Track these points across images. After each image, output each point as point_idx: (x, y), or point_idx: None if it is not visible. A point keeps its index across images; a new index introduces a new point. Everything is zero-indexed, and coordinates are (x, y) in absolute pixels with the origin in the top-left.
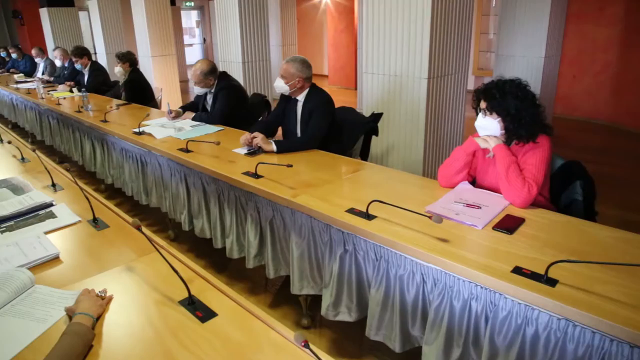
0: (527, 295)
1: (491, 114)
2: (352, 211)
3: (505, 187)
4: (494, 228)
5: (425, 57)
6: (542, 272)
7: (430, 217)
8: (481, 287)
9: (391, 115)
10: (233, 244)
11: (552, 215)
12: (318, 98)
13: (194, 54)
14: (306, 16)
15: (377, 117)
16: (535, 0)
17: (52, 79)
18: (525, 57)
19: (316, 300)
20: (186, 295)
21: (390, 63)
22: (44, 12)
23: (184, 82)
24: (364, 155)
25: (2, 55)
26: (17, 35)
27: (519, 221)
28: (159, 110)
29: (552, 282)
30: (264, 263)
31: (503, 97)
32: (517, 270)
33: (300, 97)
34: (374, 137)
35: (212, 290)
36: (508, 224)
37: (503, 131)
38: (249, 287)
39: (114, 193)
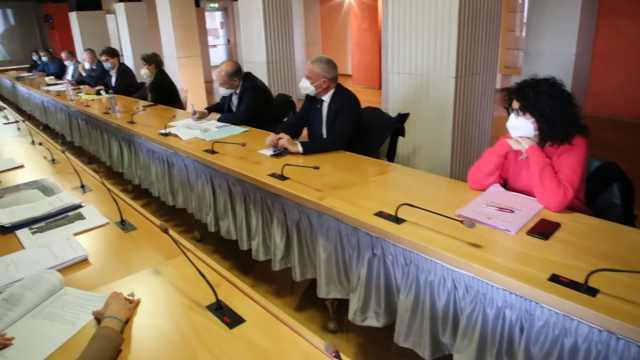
0: (565, 305)
1: (524, 114)
2: (380, 214)
3: (539, 191)
4: (528, 233)
5: (452, 55)
6: (581, 280)
7: (462, 222)
8: (516, 295)
9: (417, 115)
10: (259, 246)
11: (588, 219)
12: (344, 98)
13: (218, 55)
14: (329, 15)
15: (403, 117)
16: None
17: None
18: (555, 54)
19: (343, 304)
20: (213, 300)
21: (416, 62)
22: (73, 16)
23: (208, 82)
24: (391, 156)
25: (33, 58)
26: (48, 39)
27: (555, 226)
28: (184, 111)
29: (592, 292)
30: (290, 266)
31: (537, 96)
32: (555, 279)
33: (326, 98)
34: (400, 137)
35: (239, 295)
36: (543, 229)
37: (536, 132)
38: (274, 290)
39: (140, 194)
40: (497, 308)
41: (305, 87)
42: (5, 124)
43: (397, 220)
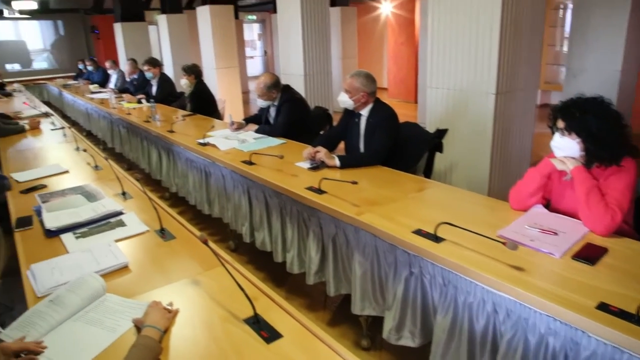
0: (615, 336)
1: (570, 134)
2: (419, 232)
3: (585, 213)
4: (573, 257)
5: (493, 71)
6: (632, 310)
7: (504, 243)
8: (560, 323)
9: (456, 131)
10: (294, 259)
11: (638, 245)
12: (382, 113)
13: (255, 66)
14: (366, 29)
15: (442, 133)
16: (611, 9)
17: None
18: (599, 71)
19: (377, 321)
20: (251, 313)
21: (455, 77)
22: (117, 27)
23: (244, 93)
24: (428, 172)
25: (79, 67)
26: (94, 49)
27: (602, 251)
28: (222, 121)
29: None
30: (324, 280)
31: (583, 116)
32: (603, 307)
33: (364, 112)
34: (437, 153)
35: (276, 309)
36: (589, 254)
37: (582, 152)
38: (307, 303)
39: (177, 201)
40: (539, 335)
41: (344, 101)
42: (52, 129)
43: (436, 239)
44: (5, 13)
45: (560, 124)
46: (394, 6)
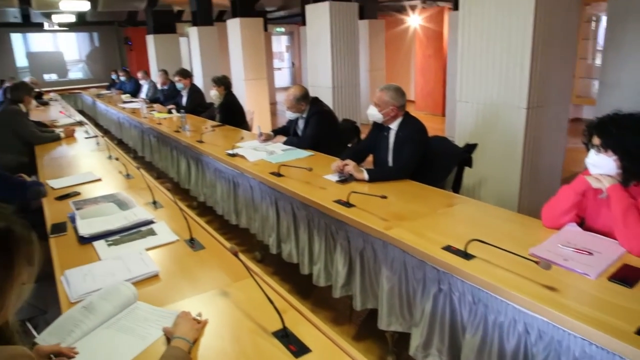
0: None
1: (606, 151)
2: (448, 249)
3: (622, 233)
4: (609, 279)
5: (524, 85)
6: None
7: (537, 262)
8: (596, 347)
9: (485, 146)
10: (320, 271)
11: None
12: (412, 127)
13: (282, 78)
14: (394, 41)
15: (471, 148)
16: None
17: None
18: (635, 86)
19: (403, 337)
20: (280, 326)
21: (486, 91)
22: (150, 39)
23: (272, 104)
24: (456, 187)
25: (112, 77)
26: (127, 60)
27: None
28: (250, 132)
29: None
30: (351, 294)
31: (621, 133)
32: None
33: (394, 126)
34: (466, 168)
35: (305, 323)
36: (627, 276)
37: (619, 170)
38: (333, 317)
39: (204, 211)
40: (573, 358)
41: (373, 114)
42: (86, 138)
43: (466, 256)
44: (46, 26)
45: (596, 140)
46: (422, 19)
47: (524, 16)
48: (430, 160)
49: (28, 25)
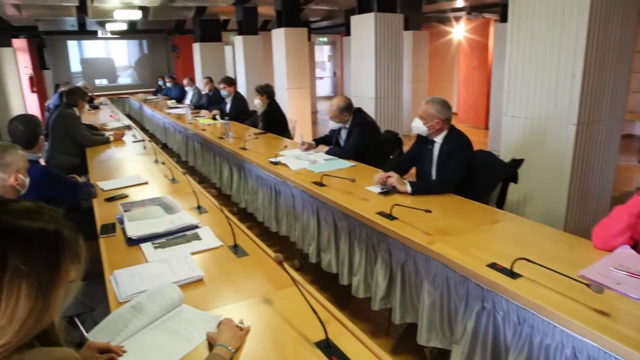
0: None
1: None
2: (493, 266)
3: None
4: None
5: (575, 100)
6: None
7: (587, 285)
8: None
9: (531, 162)
10: (360, 283)
11: None
12: (457, 141)
13: (324, 87)
14: (437, 53)
15: (517, 163)
16: None
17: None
18: None
19: (442, 353)
20: (322, 337)
21: (534, 106)
22: (196, 47)
23: (313, 113)
24: (500, 203)
25: (159, 83)
26: (173, 66)
27: None
28: (292, 140)
29: None
30: (390, 307)
31: None
32: None
33: (438, 139)
34: (511, 184)
35: (348, 335)
36: None
37: None
38: (370, 329)
39: (244, 217)
40: None
41: (418, 127)
42: (133, 141)
43: (512, 274)
44: (99, 33)
45: None
46: (466, 30)
47: (577, 30)
48: (474, 174)
49: (83, 33)
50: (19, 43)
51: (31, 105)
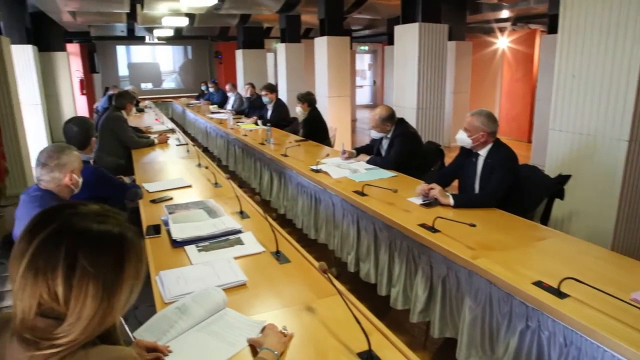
0: None
1: None
2: (540, 284)
3: None
4: None
5: (627, 116)
6: None
7: None
8: None
9: (578, 178)
10: (399, 294)
11: None
12: (502, 154)
13: (363, 95)
14: (480, 63)
15: (564, 179)
16: None
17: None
18: None
19: None
20: (365, 347)
21: (582, 121)
22: (239, 53)
23: (352, 121)
24: (545, 219)
25: (202, 88)
26: (216, 72)
27: None
28: (332, 148)
29: None
30: (428, 320)
31: None
32: None
33: (483, 152)
34: (557, 200)
35: (390, 348)
36: None
37: None
38: (407, 341)
39: (283, 223)
40: None
41: (462, 139)
42: (177, 145)
43: (559, 294)
44: (147, 39)
45: None
46: (511, 41)
47: (632, 43)
48: (519, 189)
49: (131, 38)
50: (72, 47)
51: (81, 107)
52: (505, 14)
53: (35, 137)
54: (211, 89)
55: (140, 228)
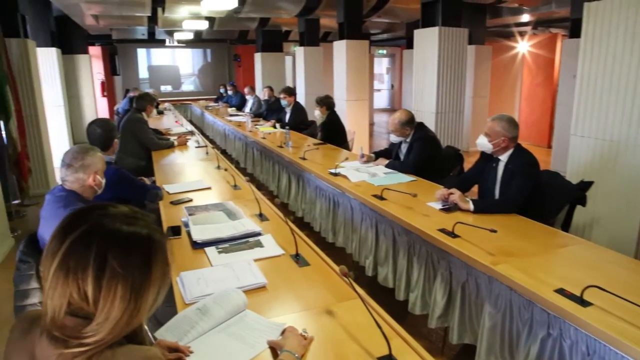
0: None
1: None
2: (561, 292)
3: None
4: None
5: None
6: None
7: None
8: None
9: (600, 185)
10: (417, 299)
11: None
12: (523, 160)
13: (381, 99)
14: (500, 68)
15: (586, 185)
16: None
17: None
18: None
19: None
20: (385, 352)
21: (605, 127)
22: (257, 56)
23: (369, 125)
24: (566, 225)
25: (220, 91)
26: (235, 75)
27: None
28: (351, 152)
29: None
30: (447, 325)
31: None
32: None
33: (503, 157)
34: (578, 207)
35: (411, 353)
36: None
37: None
38: (424, 346)
39: (300, 226)
40: None
41: (483, 144)
42: (196, 147)
43: (582, 302)
44: (167, 42)
45: None
46: (532, 45)
47: None
48: (540, 195)
49: (152, 41)
50: (94, 50)
51: (101, 109)
52: (525, 18)
53: (58, 138)
54: (230, 92)
55: (161, 229)
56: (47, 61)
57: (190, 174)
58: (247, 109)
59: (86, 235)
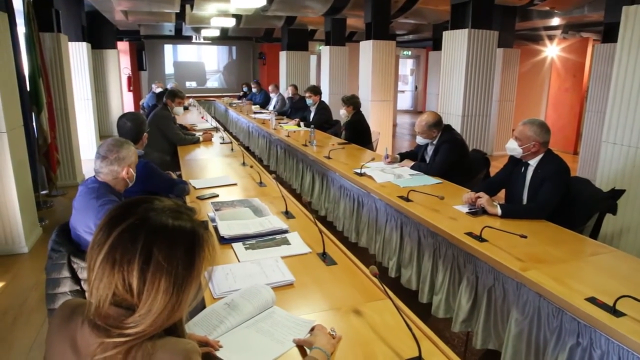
0: None
1: None
2: (593, 301)
3: None
4: None
5: None
6: None
7: None
8: None
9: (631, 193)
10: (441, 302)
11: None
12: (553, 165)
13: (404, 100)
14: (527, 72)
15: (617, 194)
16: None
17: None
18: None
19: None
20: (415, 354)
21: (639, 135)
22: (282, 55)
23: (393, 126)
24: (595, 234)
25: (244, 89)
26: (259, 73)
27: None
28: (375, 152)
29: None
30: (470, 330)
31: None
32: None
33: (533, 162)
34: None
35: (441, 356)
36: None
37: None
38: None
39: (323, 225)
40: None
41: (512, 148)
42: (221, 143)
43: (615, 312)
44: (193, 39)
45: None
46: (561, 49)
47: None
48: (569, 202)
49: (179, 37)
50: (122, 45)
51: (127, 103)
52: (555, 21)
53: (85, 131)
54: (254, 90)
55: (205, 223)
56: (77, 55)
57: (216, 169)
58: (271, 106)
59: (133, 228)
